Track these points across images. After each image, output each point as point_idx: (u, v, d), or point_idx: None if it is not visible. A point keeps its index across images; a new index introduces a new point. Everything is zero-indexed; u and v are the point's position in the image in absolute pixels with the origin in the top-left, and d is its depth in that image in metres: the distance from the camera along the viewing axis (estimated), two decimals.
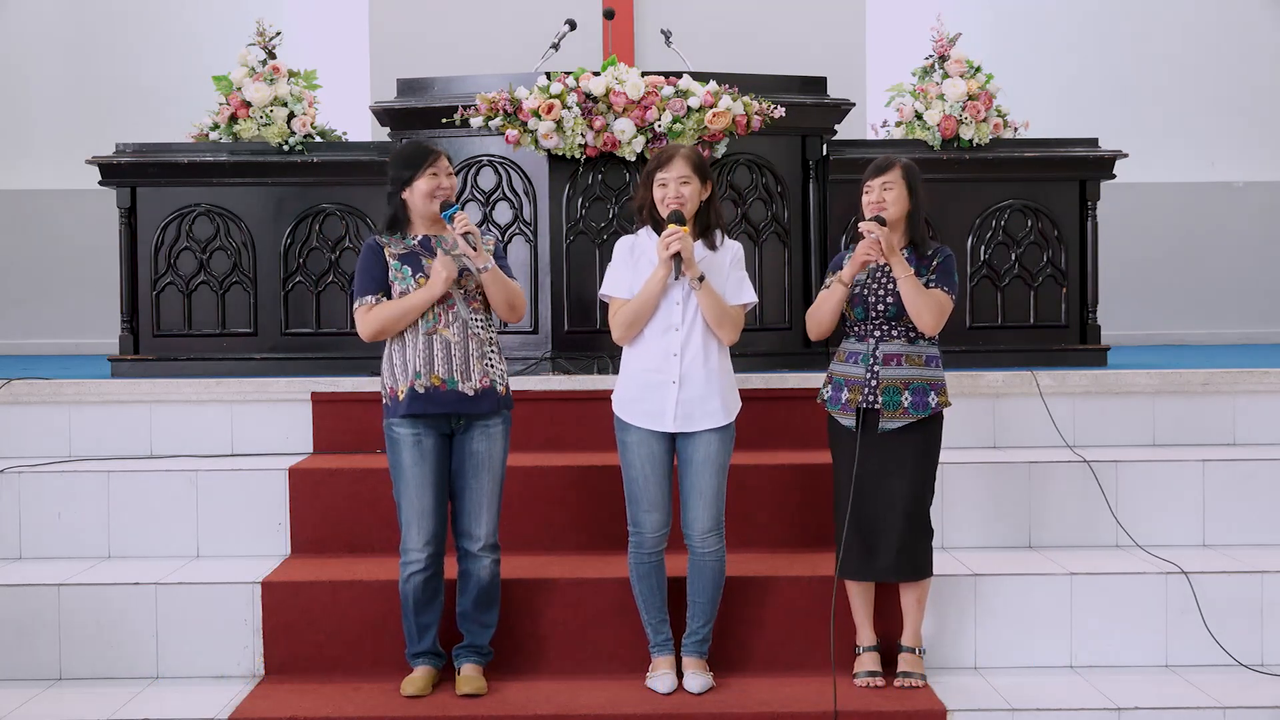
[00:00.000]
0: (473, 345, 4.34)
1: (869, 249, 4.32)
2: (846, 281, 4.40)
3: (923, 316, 4.34)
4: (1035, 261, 6.42)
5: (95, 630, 4.61)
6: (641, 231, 4.43)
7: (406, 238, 4.39)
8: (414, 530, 4.33)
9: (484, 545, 4.38)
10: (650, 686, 4.39)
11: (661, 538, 4.39)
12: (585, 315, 5.98)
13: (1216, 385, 5.59)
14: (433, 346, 4.31)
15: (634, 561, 4.41)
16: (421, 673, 4.39)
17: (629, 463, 4.38)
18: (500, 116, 5.76)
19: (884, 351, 4.41)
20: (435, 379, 4.30)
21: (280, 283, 6.28)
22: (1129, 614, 4.67)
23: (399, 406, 4.32)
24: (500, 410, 4.39)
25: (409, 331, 4.33)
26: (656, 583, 4.41)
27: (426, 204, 4.34)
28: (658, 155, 4.37)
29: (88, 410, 5.53)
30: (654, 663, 4.45)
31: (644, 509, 4.36)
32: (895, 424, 4.38)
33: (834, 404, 4.47)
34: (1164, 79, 8.91)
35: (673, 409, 4.32)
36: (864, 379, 4.40)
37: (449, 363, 4.31)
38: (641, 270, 4.35)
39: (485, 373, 4.34)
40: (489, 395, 4.34)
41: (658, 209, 4.33)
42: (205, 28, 8.57)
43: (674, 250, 4.22)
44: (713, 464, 4.34)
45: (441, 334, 4.32)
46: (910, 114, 6.53)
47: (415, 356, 4.31)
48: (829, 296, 4.44)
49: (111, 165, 6.26)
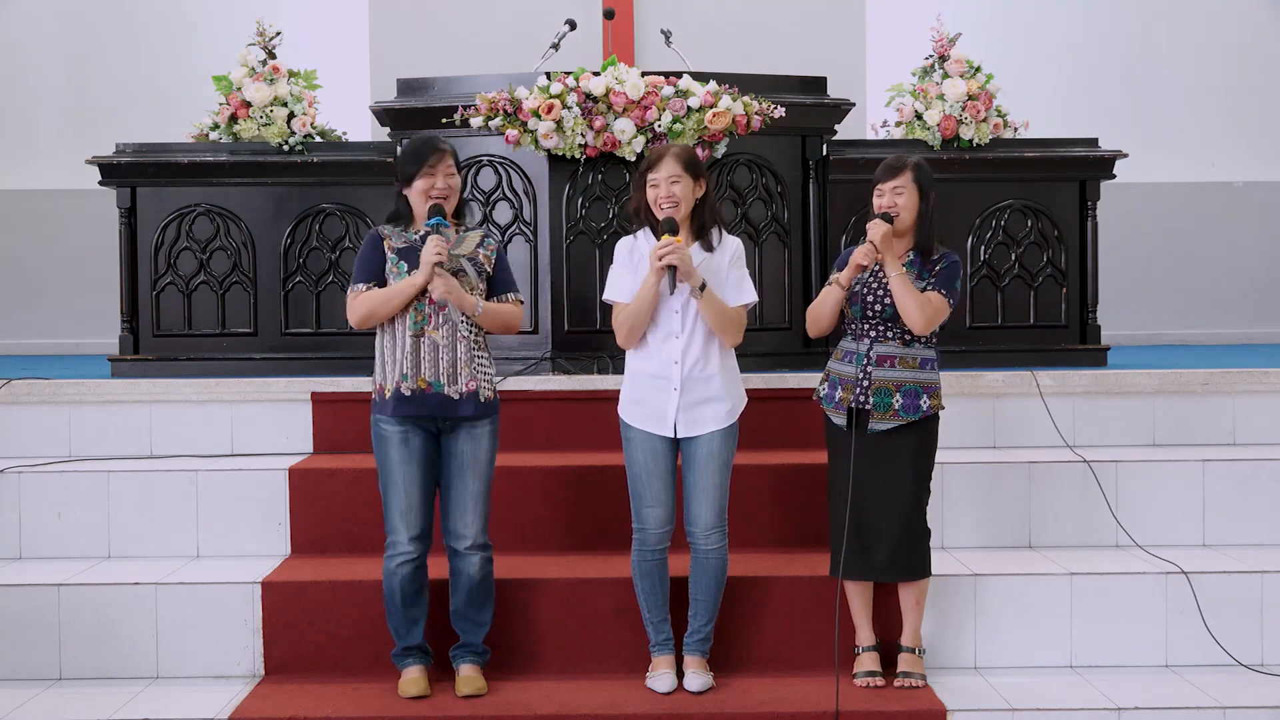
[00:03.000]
0: (461, 348, 4.34)
1: (866, 255, 4.33)
2: (844, 285, 4.41)
3: (912, 316, 4.34)
4: (1035, 261, 6.42)
5: (95, 630, 4.61)
6: (640, 233, 4.43)
7: (409, 232, 4.40)
8: (400, 524, 4.35)
9: (472, 544, 4.39)
10: (650, 686, 4.39)
11: (665, 535, 4.39)
12: (585, 315, 5.98)
13: (1216, 385, 5.59)
14: (420, 348, 4.32)
15: (637, 559, 4.41)
16: (417, 672, 4.39)
17: (632, 459, 4.38)
18: (500, 116, 5.76)
19: (878, 352, 4.41)
20: (422, 381, 4.31)
21: (280, 283, 6.27)
22: (1129, 614, 4.67)
23: (386, 405, 4.34)
24: (487, 414, 4.39)
25: (399, 330, 4.34)
26: (659, 581, 4.41)
27: (422, 202, 4.35)
28: (647, 157, 4.37)
29: (88, 410, 5.53)
30: (654, 662, 4.45)
31: (647, 504, 4.36)
32: (885, 425, 4.39)
33: (828, 401, 4.49)
34: (1164, 79, 8.90)
35: (674, 415, 4.32)
36: (856, 378, 4.41)
37: (436, 365, 4.32)
38: (642, 273, 4.34)
39: (472, 376, 4.35)
40: (473, 400, 4.34)
41: (653, 211, 4.33)
42: (205, 28, 8.57)
43: (668, 263, 4.21)
44: (715, 460, 4.34)
45: (430, 335, 4.32)
46: (910, 114, 6.53)
47: (404, 357, 4.32)
48: (827, 296, 4.45)
49: (111, 165, 6.25)
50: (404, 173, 4.37)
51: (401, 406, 4.31)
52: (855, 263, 4.37)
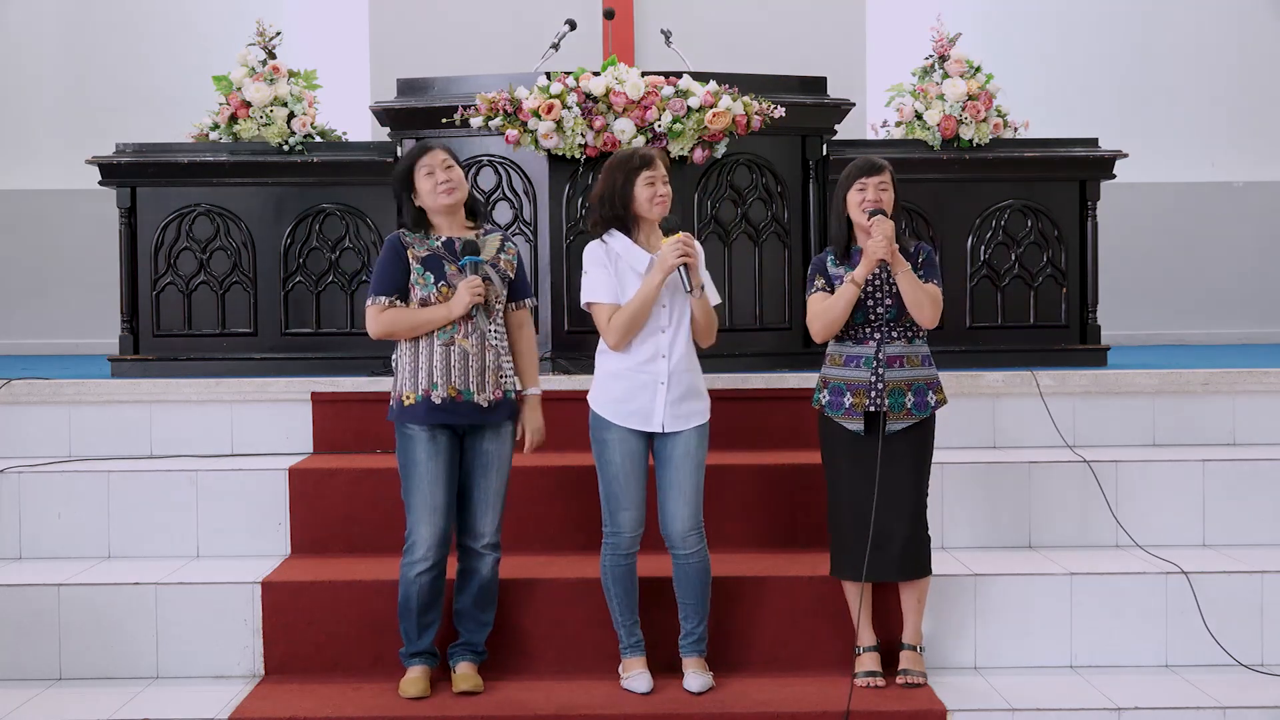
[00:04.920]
0: (489, 357, 4.34)
1: (884, 250, 4.28)
2: (859, 281, 4.35)
3: (924, 310, 4.34)
4: (1035, 261, 6.42)
5: (95, 630, 4.61)
6: (610, 236, 4.36)
7: (430, 238, 4.38)
8: (424, 527, 4.31)
9: (487, 543, 4.40)
10: (629, 688, 4.37)
11: (637, 538, 4.38)
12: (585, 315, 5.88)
13: (1216, 385, 5.59)
14: (450, 357, 4.31)
15: (610, 563, 4.39)
16: (420, 673, 4.39)
17: (608, 461, 4.35)
18: (500, 116, 5.76)
19: (887, 353, 4.40)
20: (452, 389, 4.29)
21: (280, 283, 6.27)
22: (1129, 614, 4.67)
23: (416, 412, 4.29)
24: (511, 415, 4.42)
25: (424, 338, 4.33)
26: (631, 584, 4.41)
27: (436, 200, 4.31)
28: (631, 156, 4.32)
29: (88, 410, 5.53)
30: (626, 664, 4.43)
31: (624, 507, 4.34)
32: (901, 425, 4.39)
33: (835, 409, 4.44)
34: (1164, 78, 8.90)
35: (661, 410, 4.31)
36: (869, 382, 4.39)
37: (465, 374, 4.31)
38: (622, 275, 4.32)
39: (499, 384, 4.35)
40: (504, 405, 4.37)
41: (638, 209, 4.30)
42: (206, 28, 8.56)
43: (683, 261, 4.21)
44: (692, 460, 4.34)
45: (460, 344, 4.31)
46: (910, 114, 6.53)
47: (433, 366, 4.30)
48: (840, 297, 4.37)
49: (111, 165, 6.25)
50: (405, 183, 4.34)
51: (434, 415, 4.29)
52: (874, 258, 4.29)
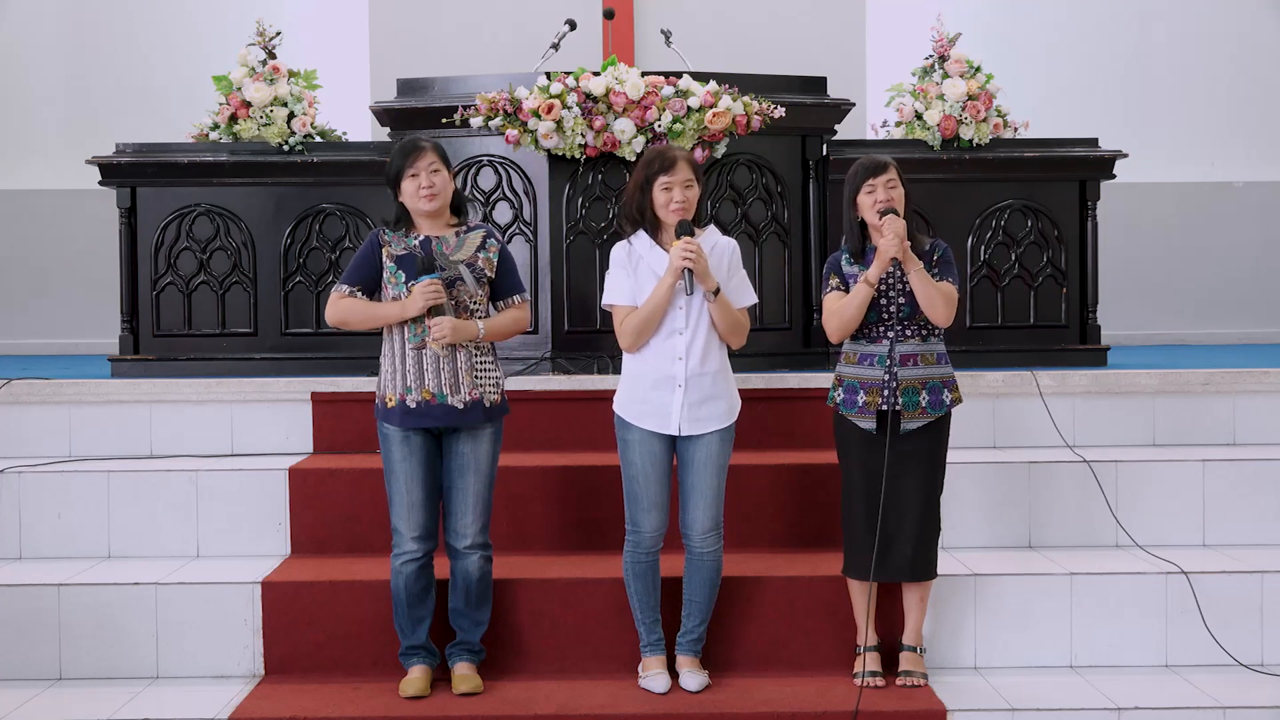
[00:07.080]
0: (461, 358, 4.35)
1: (897, 248, 4.26)
2: (873, 281, 4.32)
3: (937, 308, 4.32)
4: (1035, 261, 6.42)
5: (95, 630, 4.61)
6: (635, 238, 4.38)
7: (409, 236, 4.40)
8: (404, 523, 4.37)
9: (471, 543, 4.40)
10: (646, 687, 4.38)
11: (659, 537, 4.38)
12: (585, 315, 5.98)
13: (1216, 385, 5.59)
14: (422, 361, 4.33)
15: (630, 560, 4.41)
16: (419, 672, 4.39)
17: (630, 461, 4.37)
18: (500, 116, 5.76)
19: (901, 352, 4.39)
20: (426, 393, 4.32)
21: (280, 283, 6.27)
22: (1129, 614, 4.67)
23: (392, 415, 4.36)
24: (490, 420, 4.40)
25: (398, 341, 4.35)
26: (652, 582, 4.41)
27: (416, 204, 4.35)
28: (655, 158, 4.31)
29: (88, 410, 5.53)
30: (645, 663, 4.44)
31: (644, 508, 4.36)
32: (915, 424, 4.38)
33: (849, 407, 4.43)
34: (1164, 78, 8.90)
35: (678, 413, 4.31)
36: (883, 380, 4.38)
37: (438, 376, 4.32)
38: (642, 277, 4.32)
39: (475, 385, 4.35)
40: (477, 407, 4.35)
41: (657, 213, 4.32)
42: (206, 28, 8.56)
43: (688, 266, 4.20)
44: (714, 464, 4.34)
45: (431, 347, 4.32)
46: (910, 114, 6.53)
47: (407, 371, 4.33)
48: (854, 297, 4.35)
49: (111, 165, 6.25)
50: (391, 178, 4.39)
51: (408, 419, 4.33)
52: (886, 257, 4.27)
